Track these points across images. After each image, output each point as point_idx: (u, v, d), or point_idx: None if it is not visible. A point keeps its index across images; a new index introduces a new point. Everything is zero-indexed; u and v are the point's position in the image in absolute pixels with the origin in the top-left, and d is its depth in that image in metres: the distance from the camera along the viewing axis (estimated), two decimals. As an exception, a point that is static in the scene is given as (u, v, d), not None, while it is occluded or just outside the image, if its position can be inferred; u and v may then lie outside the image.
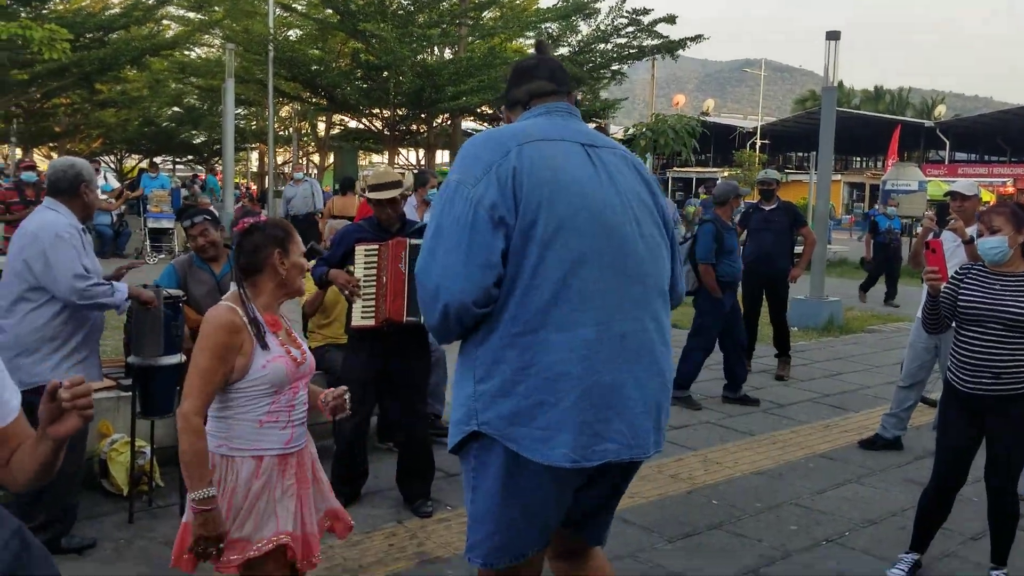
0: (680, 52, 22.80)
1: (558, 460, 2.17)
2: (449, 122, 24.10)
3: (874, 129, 47.44)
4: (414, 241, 4.43)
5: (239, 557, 2.62)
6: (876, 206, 24.46)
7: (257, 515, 2.64)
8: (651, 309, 2.33)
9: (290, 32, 27.84)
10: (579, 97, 25.79)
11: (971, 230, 5.45)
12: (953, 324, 3.95)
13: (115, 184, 19.09)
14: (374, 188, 4.61)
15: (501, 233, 2.16)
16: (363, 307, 4.50)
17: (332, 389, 2.89)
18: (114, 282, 4.04)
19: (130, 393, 4.52)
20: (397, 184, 4.61)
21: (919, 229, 6.55)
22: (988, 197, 23.38)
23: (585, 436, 2.18)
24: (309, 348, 5.69)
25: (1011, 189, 31.79)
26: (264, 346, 2.65)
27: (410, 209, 7.11)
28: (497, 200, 2.16)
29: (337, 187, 15.92)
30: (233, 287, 2.80)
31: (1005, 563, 3.98)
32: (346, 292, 4.56)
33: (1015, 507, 3.94)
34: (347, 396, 2.88)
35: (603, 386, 2.19)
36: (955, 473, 3.97)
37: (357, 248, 4.54)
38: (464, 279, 2.14)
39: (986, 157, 52.63)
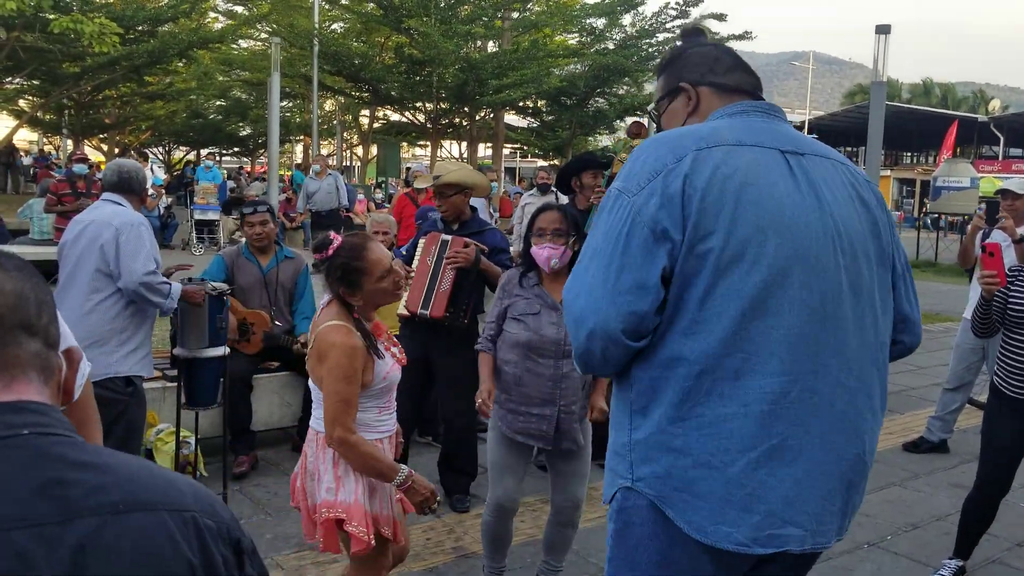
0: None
1: (721, 541, 1.73)
2: (492, 116, 24.15)
3: (925, 124, 46.58)
4: (445, 237, 4.49)
5: (387, 529, 2.83)
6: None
7: (388, 491, 2.86)
8: (856, 364, 1.84)
9: (334, 26, 28.07)
10: (622, 91, 25.58)
11: (1022, 229, 5.34)
12: (1001, 328, 3.88)
13: (163, 176, 19.36)
14: (434, 179, 4.70)
15: (663, 250, 1.75)
16: (405, 297, 4.60)
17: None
18: (170, 283, 4.12)
19: (176, 384, 4.60)
20: (442, 180, 4.66)
21: (969, 227, 6.44)
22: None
23: (757, 515, 1.73)
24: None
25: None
26: (380, 356, 2.80)
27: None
28: (660, 213, 1.75)
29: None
30: (326, 297, 2.88)
31: (967, 557, 3.92)
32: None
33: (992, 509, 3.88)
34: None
35: (785, 452, 1.75)
36: (1001, 478, 3.90)
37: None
38: (610, 303, 1.75)
39: (1042, 152, 51.41)
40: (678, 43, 2.17)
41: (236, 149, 42.05)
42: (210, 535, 1.04)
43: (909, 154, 60.11)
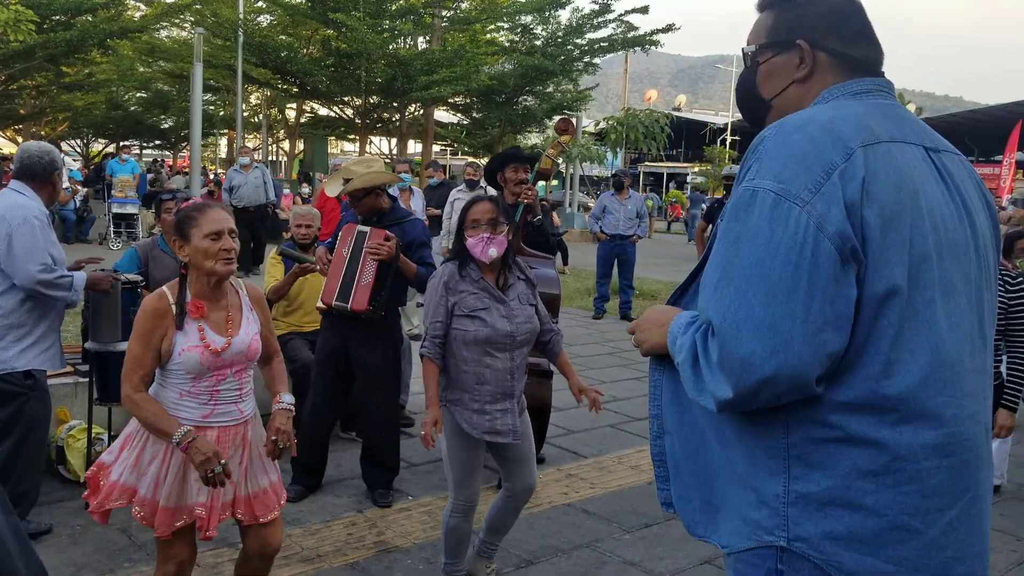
0: (653, 47, 22.91)
1: None
2: (422, 112, 24.05)
3: (843, 127, 47.89)
4: (362, 228, 4.45)
5: (139, 511, 2.79)
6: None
7: (156, 477, 2.78)
8: (988, 389, 1.64)
9: (260, 18, 27.60)
10: (551, 89, 25.80)
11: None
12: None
13: (77, 168, 18.71)
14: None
15: (852, 275, 1.45)
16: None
17: (276, 431, 2.93)
18: (74, 273, 3.99)
19: (87, 379, 4.47)
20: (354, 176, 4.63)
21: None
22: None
23: None
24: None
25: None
26: (179, 327, 2.79)
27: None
28: (845, 225, 1.44)
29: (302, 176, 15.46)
30: None
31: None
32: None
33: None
34: (286, 447, 2.94)
35: (977, 504, 1.55)
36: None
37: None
38: (804, 343, 1.43)
39: (953, 157, 53.36)
40: None
41: (157, 142, 41.07)
42: None
43: (829, 156, 61.71)
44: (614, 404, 6.90)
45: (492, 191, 8.89)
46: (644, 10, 22.49)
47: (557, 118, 7.49)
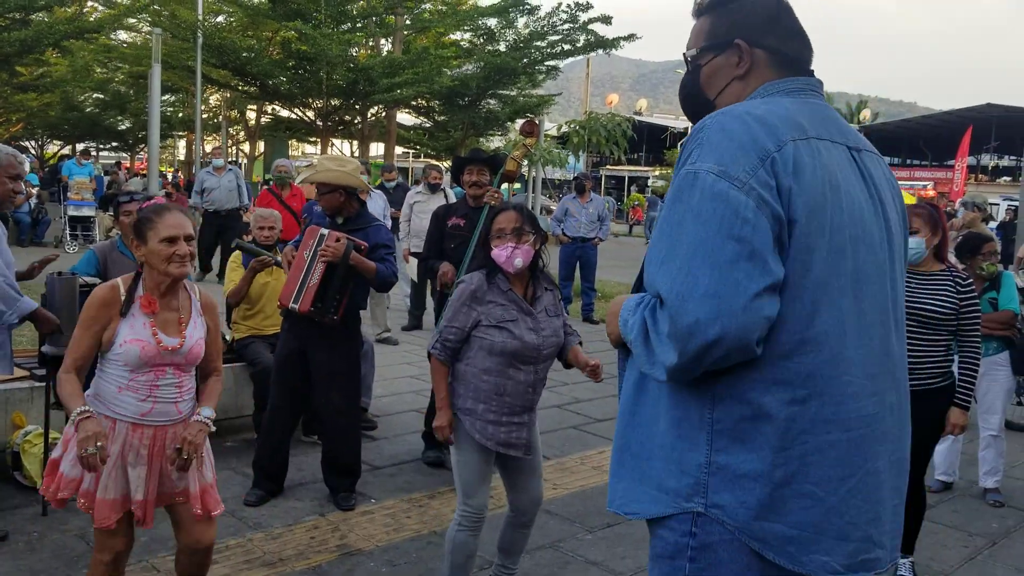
0: (614, 51, 23.06)
1: (817, 570, 1.63)
2: (384, 114, 23.96)
3: (801, 132, 48.52)
4: (323, 231, 4.44)
5: (83, 503, 2.86)
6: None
7: (103, 472, 2.80)
8: (903, 371, 1.79)
9: (219, 18, 27.31)
10: (514, 93, 25.83)
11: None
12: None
13: (28, 169, 18.31)
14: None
15: (780, 255, 1.59)
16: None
17: (182, 441, 2.89)
18: (22, 297, 3.91)
19: (44, 383, 4.41)
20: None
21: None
22: (910, 200, 24.14)
23: (853, 542, 1.65)
24: (233, 339, 5.66)
25: (932, 192, 32.85)
26: (123, 314, 2.85)
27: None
28: (777, 208, 1.57)
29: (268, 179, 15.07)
30: None
31: (912, 552, 4.14)
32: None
33: (922, 498, 4.09)
34: (188, 460, 2.88)
35: (878, 474, 1.69)
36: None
37: None
38: (744, 309, 1.53)
39: (908, 161, 54.27)
40: None
41: (114, 144, 40.44)
42: None
43: (787, 160, 62.49)
44: (576, 406, 6.94)
45: (452, 194, 8.89)
46: (607, 20, 22.63)
47: (522, 121, 7.52)
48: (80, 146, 31.75)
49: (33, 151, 34.95)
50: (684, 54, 1.90)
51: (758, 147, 1.60)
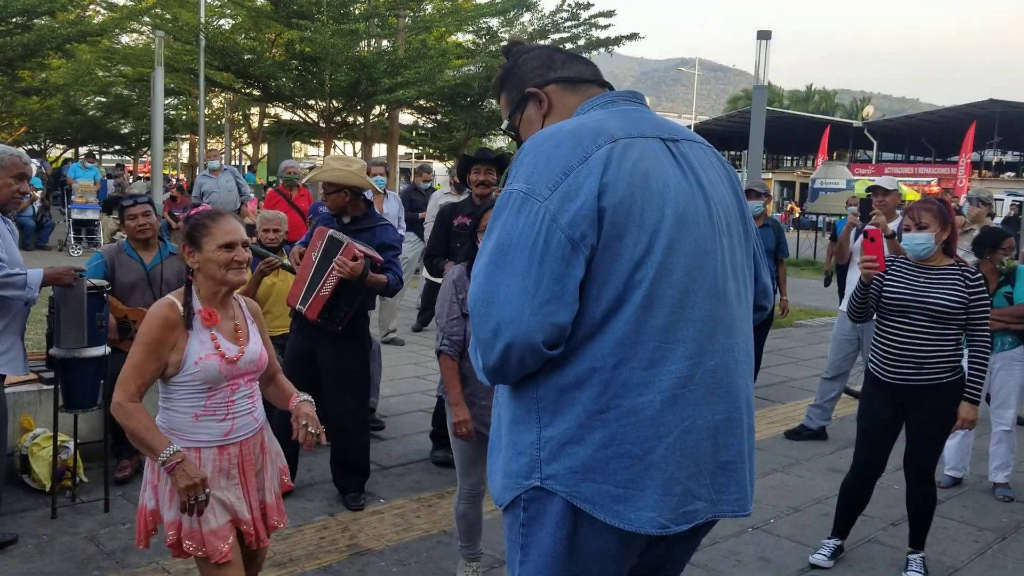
0: (616, 49, 23.06)
1: (642, 525, 1.77)
2: (387, 115, 23.96)
3: (804, 129, 48.52)
4: (334, 233, 4.44)
5: (191, 545, 2.67)
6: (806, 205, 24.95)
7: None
8: (741, 336, 1.93)
9: (222, 21, 27.34)
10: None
11: (893, 224, 5.63)
12: (875, 316, 4.08)
13: (36, 178, 18.31)
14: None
15: (582, 258, 1.74)
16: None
17: (304, 416, 2.86)
18: (28, 270, 3.91)
19: (52, 386, 4.41)
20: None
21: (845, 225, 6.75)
22: (913, 196, 24.10)
23: (674, 496, 1.78)
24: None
25: (936, 188, 32.82)
26: (189, 327, 2.70)
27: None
28: (577, 218, 1.73)
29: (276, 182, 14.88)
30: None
31: (923, 547, 4.12)
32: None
33: (933, 493, 4.08)
34: (319, 433, 2.86)
35: (696, 432, 1.81)
36: (875, 460, 4.09)
37: None
38: (532, 315, 1.71)
39: (912, 157, 54.23)
40: (504, 63, 2.15)
41: (117, 147, 40.49)
42: None
43: (789, 158, 62.51)
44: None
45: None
46: (609, 14, 22.65)
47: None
48: (83, 150, 31.85)
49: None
50: (503, 128, 2.16)
51: (563, 163, 1.77)
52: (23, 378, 4.95)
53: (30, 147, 33.26)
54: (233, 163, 34.73)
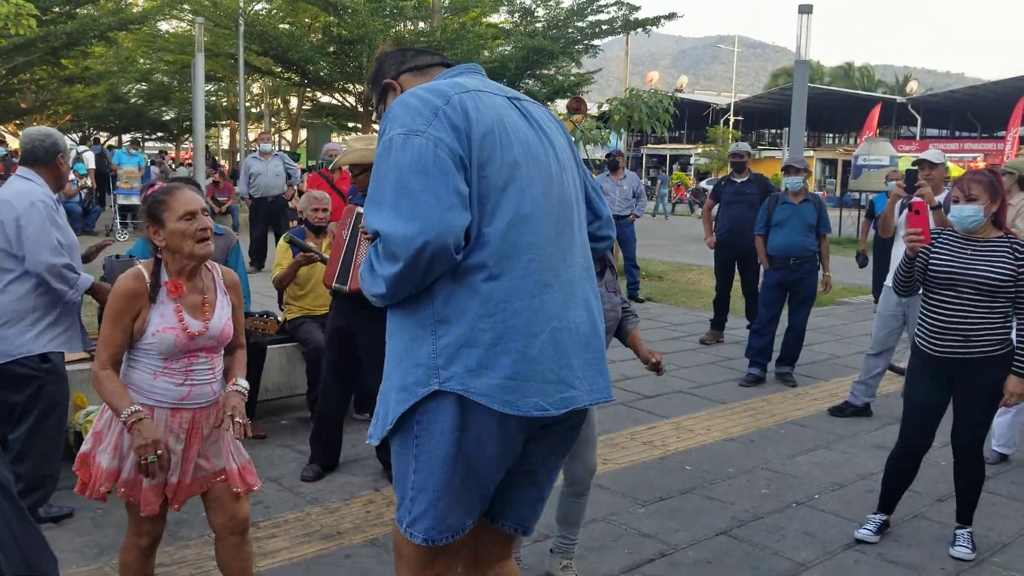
0: (653, 28, 22.82)
1: (528, 409, 2.08)
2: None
3: (846, 105, 47.72)
4: (360, 209, 4.47)
5: (124, 492, 2.86)
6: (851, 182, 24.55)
7: (135, 459, 2.77)
8: (584, 255, 2.32)
9: (259, 6, 27.52)
10: (552, 72, 25.64)
11: (940, 197, 5.55)
12: (920, 291, 4.03)
13: (91, 165, 18.61)
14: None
15: (462, 176, 2.06)
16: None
17: (231, 408, 2.89)
18: (82, 274, 4.01)
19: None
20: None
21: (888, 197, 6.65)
22: (958, 172, 23.63)
23: (551, 383, 2.11)
24: (285, 320, 5.73)
25: (982, 164, 32.16)
26: (153, 300, 2.80)
27: None
28: (455, 144, 2.06)
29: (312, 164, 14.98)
30: None
31: (970, 523, 4.09)
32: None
33: (981, 469, 4.04)
34: (245, 424, 2.87)
35: (563, 331, 2.15)
36: (921, 435, 4.05)
37: None
38: (440, 219, 1.99)
39: (957, 133, 53.13)
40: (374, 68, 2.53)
41: (159, 134, 41.02)
42: None
43: (831, 135, 61.57)
44: (625, 383, 6.94)
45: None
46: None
47: (562, 101, 7.50)
48: (127, 137, 32.31)
49: (75, 141, 35.50)
50: (374, 120, 2.53)
51: (430, 106, 2.09)
52: (76, 356, 5.06)
53: (79, 135, 33.79)
54: (274, 148, 35.00)
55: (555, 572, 3.65)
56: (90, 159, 18.48)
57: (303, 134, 36.65)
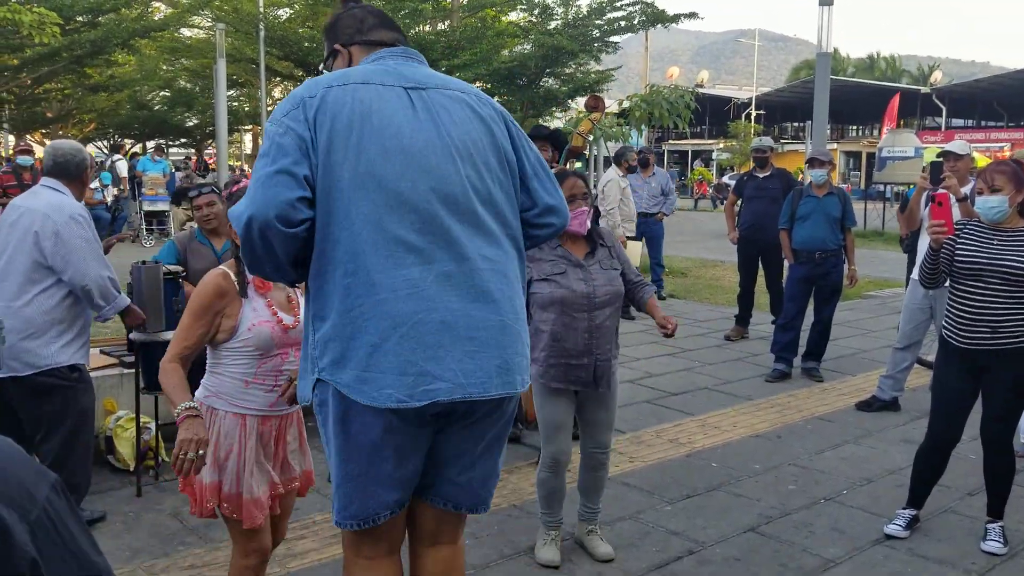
0: (673, 24, 22.71)
1: (384, 401, 2.12)
2: (443, 98, 23.99)
3: (870, 97, 47.29)
4: None
5: (227, 507, 2.75)
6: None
7: (236, 471, 2.75)
8: (482, 247, 2.24)
9: (280, 11, 27.67)
10: (571, 69, 25.58)
11: (966, 188, 5.49)
12: (947, 283, 4.00)
13: (124, 173, 18.75)
14: None
15: (306, 163, 2.12)
16: None
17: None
18: (120, 294, 4.07)
19: (133, 370, 4.56)
20: None
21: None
22: (984, 162, 23.35)
23: (411, 376, 2.12)
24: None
25: (1008, 153, 31.77)
26: (244, 295, 2.76)
27: None
28: (305, 132, 2.13)
29: None
30: None
31: (1001, 516, 4.05)
32: None
33: (1010, 462, 4.00)
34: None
35: (430, 324, 2.14)
36: (951, 428, 4.02)
37: None
38: (264, 191, 2.07)
39: (983, 123, 52.52)
40: (339, 10, 2.54)
41: (183, 140, 41.34)
42: None
43: (855, 128, 61.04)
44: (649, 380, 6.92)
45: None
46: (666, -13, 22.35)
47: (582, 99, 7.50)
48: (151, 144, 32.63)
49: (104, 150, 35.89)
50: (320, 70, 2.51)
51: (297, 97, 2.19)
52: (106, 362, 5.14)
53: (96, 143, 34.17)
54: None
55: (582, 536, 3.91)
56: (123, 167, 18.70)
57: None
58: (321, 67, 2.54)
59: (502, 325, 2.24)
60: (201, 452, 2.55)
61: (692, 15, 22.86)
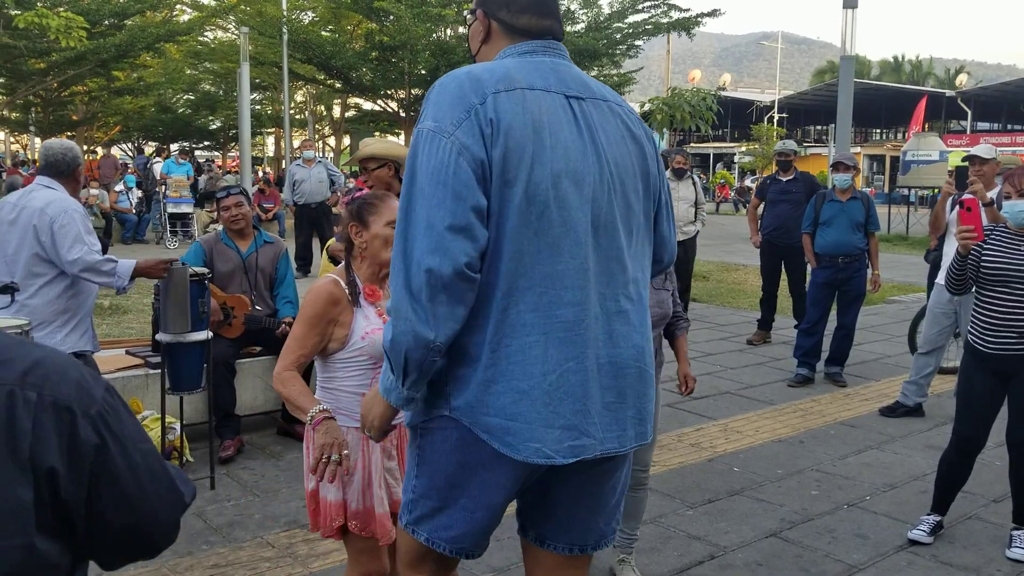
0: (696, 27, 22.66)
1: (529, 455, 1.93)
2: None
3: (894, 100, 46.98)
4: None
5: (356, 524, 2.68)
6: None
7: (361, 486, 2.69)
8: (629, 287, 2.07)
9: (303, 15, 27.85)
10: (594, 72, 25.62)
11: (992, 193, 5.45)
12: (973, 288, 3.97)
13: (178, 173, 18.62)
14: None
15: (482, 192, 1.88)
16: None
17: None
18: (119, 259, 4.14)
19: (159, 371, 4.61)
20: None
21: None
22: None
23: (557, 429, 1.94)
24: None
25: (1034, 158, 31.41)
26: (357, 304, 2.70)
27: None
28: (480, 152, 1.87)
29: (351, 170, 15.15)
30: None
31: (1027, 523, 4.01)
32: None
33: (1038, 467, 3.96)
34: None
35: (580, 373, 1.96)
36: (976, 434, 3.99)
37: None
38: (450, 243, 1.84)
39: (1009, 126, 52.01)
40: None
41: (206, 143, 41.69)
42: (25, 407, 1.14)
43: (878, 131, 60.63)
44: (670, 384, 6.90)
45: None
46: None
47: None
48: (174, 146, 32.93)
49: (129, 153, 36.22)
50: (465, 14, 2.25)
51: (465, 102, 1.90)
52: (132, 362, 5.19)
53: (120, 145, 34.51)
54: (317, 155, 35.34)
55: (613, 565, 3.71)
56: (157, 170, 18.83)
57: (346, 140, 37.02)
58: (467, 11, 2.24)
59: (640, 372, 2.09)
60: (346, 452, 2.49)
61: (714, 12, 22.79)
